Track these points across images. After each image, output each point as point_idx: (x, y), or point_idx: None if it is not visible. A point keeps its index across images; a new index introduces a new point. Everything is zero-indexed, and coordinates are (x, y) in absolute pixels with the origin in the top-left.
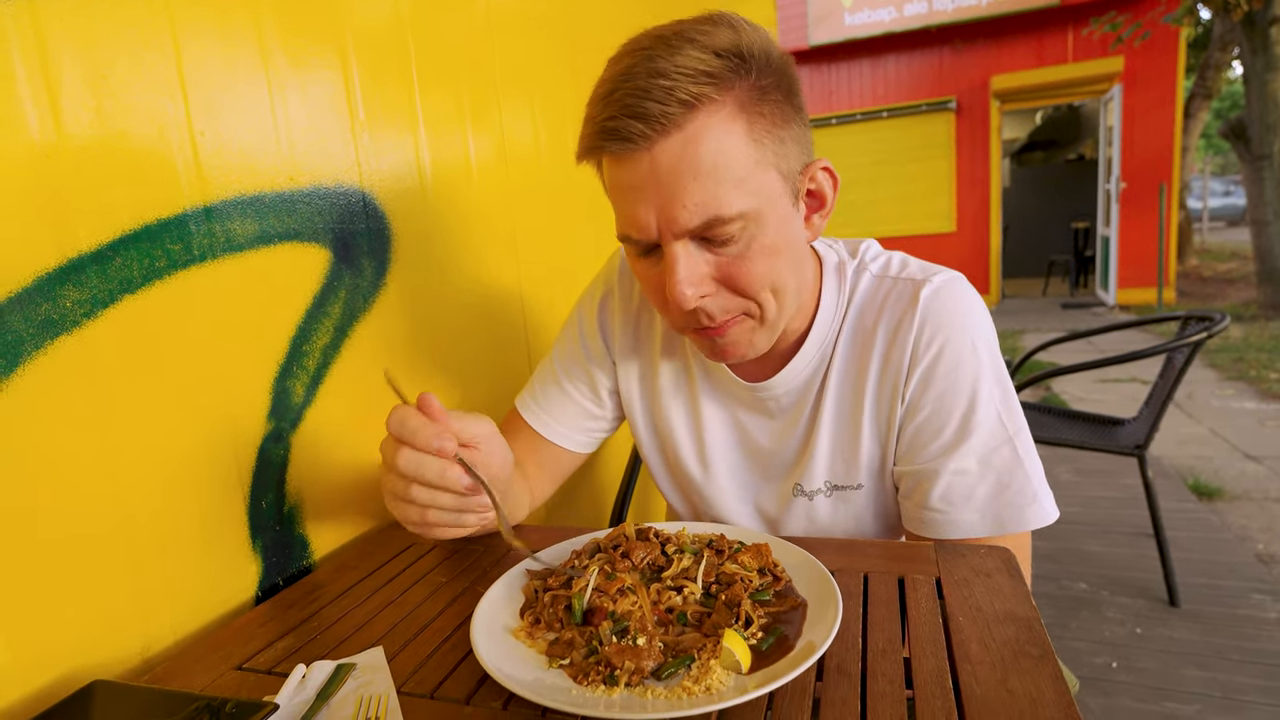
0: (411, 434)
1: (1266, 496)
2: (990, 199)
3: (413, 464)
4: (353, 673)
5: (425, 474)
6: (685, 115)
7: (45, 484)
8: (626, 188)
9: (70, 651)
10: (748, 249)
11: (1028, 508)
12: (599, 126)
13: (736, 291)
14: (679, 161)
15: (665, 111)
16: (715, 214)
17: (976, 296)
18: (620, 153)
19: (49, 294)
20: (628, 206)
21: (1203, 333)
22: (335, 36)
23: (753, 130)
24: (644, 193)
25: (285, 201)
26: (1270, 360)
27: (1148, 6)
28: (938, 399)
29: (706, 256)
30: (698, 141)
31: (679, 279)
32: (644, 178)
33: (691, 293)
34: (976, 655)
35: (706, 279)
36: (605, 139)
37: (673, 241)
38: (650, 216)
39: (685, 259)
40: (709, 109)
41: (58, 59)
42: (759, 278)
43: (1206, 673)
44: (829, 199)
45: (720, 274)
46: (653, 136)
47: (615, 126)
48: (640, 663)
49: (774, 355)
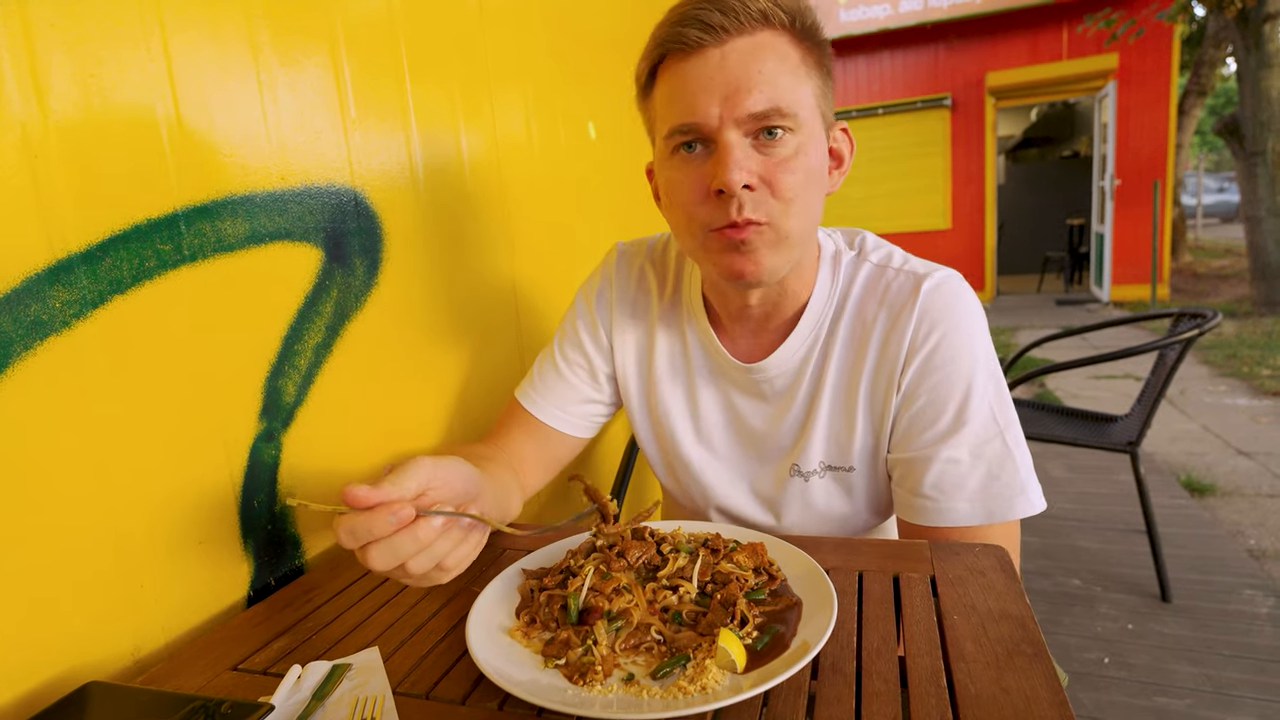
0: (368, 533)
1: (1258, 492)
2: (985, 196)
3: (388, 554)
4: (348, 673)
5: (404, 552)
6: (758, 25)
7: (36, 484)
8: (693, 78)
9: (61, 653)
10: (793, 156)
11: (1016, 498)
12: (680, 16)
13: (773, 193)
14: (749, 57)
15: (746, 11)
16: (777, 104)
17: (973, 295)
18: (695, 44)
19: (38, 295)
20: (690, 97)
21: (1194, 330)
22: (326, 31)
23: (805, 62)
24: (712, 82)
25: (276, 201)
26: (1263, 357)
27: (1142, 4)
28: (933, 389)
29: (755, 155)
30: (766, 48)
31: (733, 161)
32: (714, 69)
33: (739, 177)
34: (971, 653)
35: (753, 173)
36: (687, 25)
37: (730, 129)
38: (714, 105)
39: (739, 147)
40: (776, 29)
41: (46, 57)
42: (793, 186)
43: (1198, 668)
44: (846, 159)
45: (764, 173)
46: (730, 32)
47: (699, 15)
48: None
49: (768, 334)
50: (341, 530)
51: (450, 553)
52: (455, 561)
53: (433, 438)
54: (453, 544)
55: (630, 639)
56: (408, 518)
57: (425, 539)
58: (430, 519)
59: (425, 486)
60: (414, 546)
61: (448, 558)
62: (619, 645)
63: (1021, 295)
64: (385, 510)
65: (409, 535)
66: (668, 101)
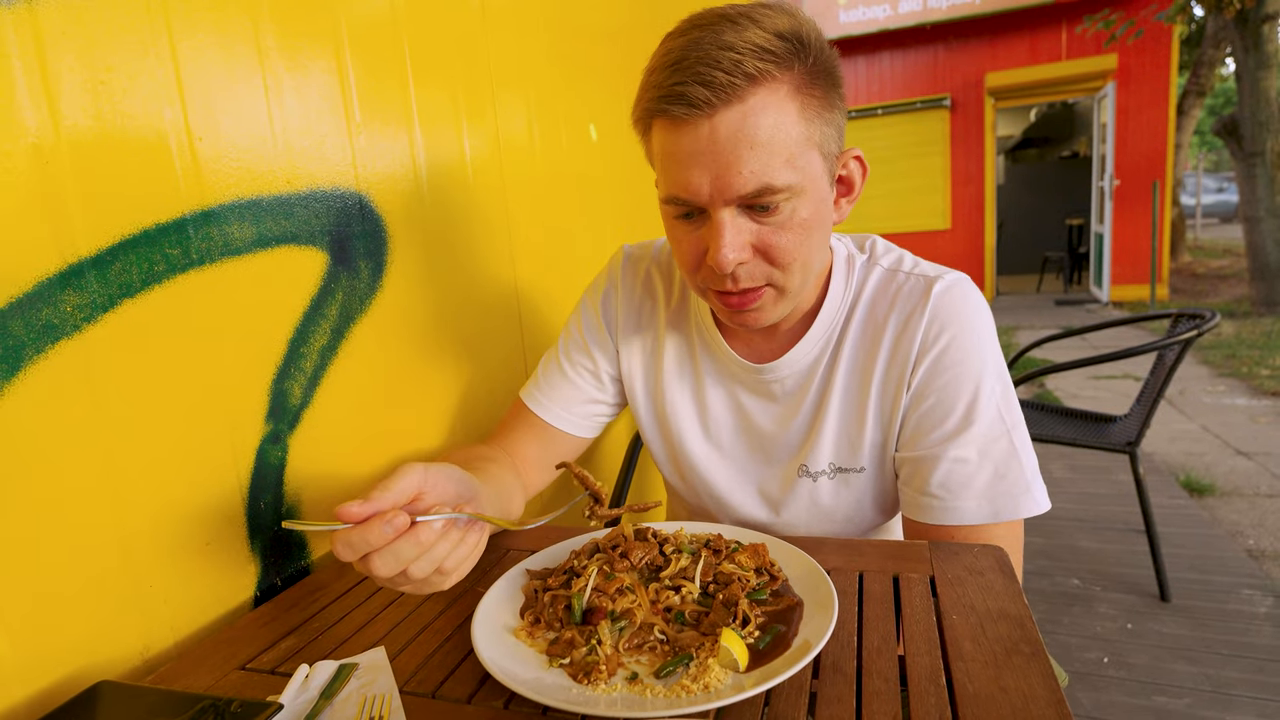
0: (365, 544)
1: (1257, 492)
2: (985, 196)
3: (391, 560)
4: (355, 673)
5: (406, 557)
6: (748, 88)
7: (46, 486)
8: (684, 153)
9: (72, 652)
10: (788, 221)
11: (1022, 497)
12: (665, 90)
13: (769, 261)
14: (738, 131)
15: (731, 82)
16: (767, 183)
17: (982, 298)
18: (682, 117)
19: (49, 299)
20: (681, 171)
21: (1193, 330)
22: (331, 35)
23: (804, 111)
24: (701, 158)
25: (282, 204)
26: (1262, 357)
27: (1141, 4)
28: (943, 388)
29: (749, 225)
30: (757, 114)
31: (725, 243)
32: (703, 144)
33: (734, 257)
34: (970, 653)
35: (746, 246)
36: (670, 102)
37: (722, 208)
38: (704, 181)
39: (731, 225)
40: (770, 85)
41: (57, 64)
42: (791, 250)
43: (1197, 667)
44: (857, 186)
45: (759, 243)
46: (716, 105)
47: (683, 91)
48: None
49: (778, 338)
50: (338, 544)
51: (449, 555)
52: (454, 564)
53: (436, 438)
54: (451, 546)
55: (634, 638)
56: (403, 525)
57: (426, 542)
58: (430, 522)
59: (417, 492)
60: (415, 550)
61: (447, 560)
62: (623, 645)
63: (1021, 295)
64: (379, 520)
65: (410, 540)
66: (662, 164)
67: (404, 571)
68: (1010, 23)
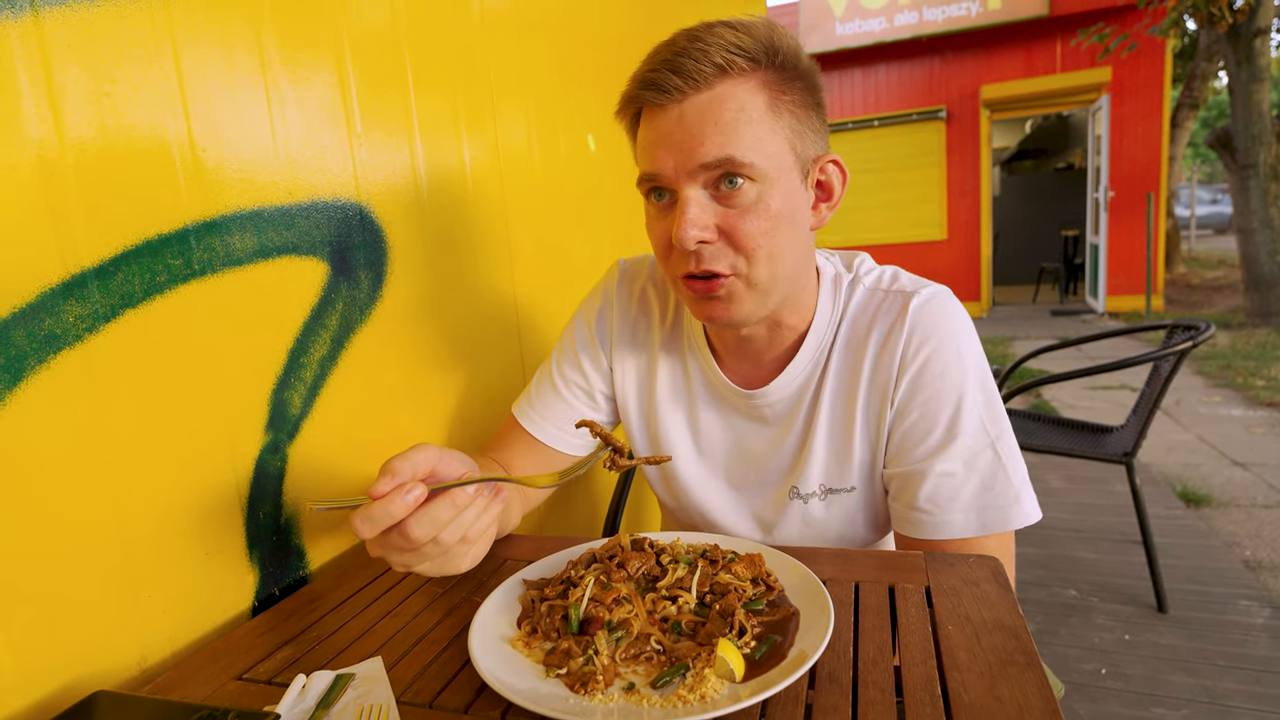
0: (387, 517)
1: (1254, 503)
2: (981, 207)
3: (425, 526)
4: (352, 683)
5: (442, 519)
6: (716, 77)
7: (46, 495)
8: (655, 136)
9: (69, 662)
10: (754, 207)
11: (1010, 509)
12: (641, 79)
13: (734, 246)
14: (704, 113)
15: (699, 69)
16: (729, 154)
17: (962, 309)
18: (656, 104)
19: (52, 309)
20: (652, 152)
21: (1188, 342)
22: (333, 46)
23: (774, 105)
24: (670, 139)
25: (284, 215)
26: (1257, 367)
27: (1134, 18)
28: (925, 403)
29: (714, 207)
30: (723, 100)
31: (687, 219)
32: (671, 126)
33: (694, 234)
34: (965, 663)
35: (710, 226)
36: (644, 88)
37: (686, 186)
38: (670, 160)
39: (695, 203)
40: (737, 78)
41: (62, 75)
42: (756, 236)
43: (1194, 678)
44: (836, 192)
45: (724, 224)
46: (686, 91)
47: (655, 78)
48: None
49: (768, 362)
50: (358, 520)
51: (475, 522)
52: (479, 532)
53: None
54: (478, 513)
55: (630, 649)
56: (421, 496)
57: (461, 504)
58: (464, 487)
59: (431, 469)
60: (450, 513)
61: (473, 527)
62: (619, 655)
63: (1017, 306)
64: (398, 492)
65: (445, 501)
66: (639, 150)
67: (435, 539)
68: (1005, 36)
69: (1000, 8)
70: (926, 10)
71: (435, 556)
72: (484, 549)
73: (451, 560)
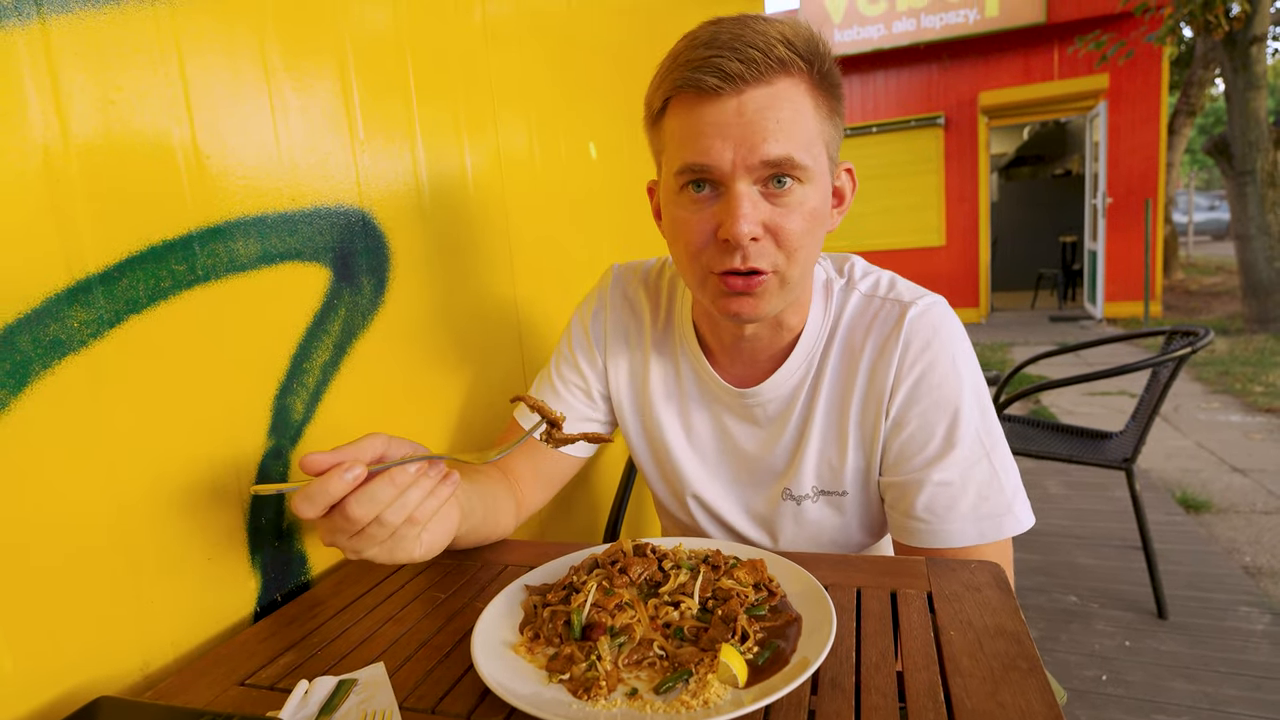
0: (325, 495)
1: (1253, 509)
2: (979, 213)
3: (367, 502)
4: (354, 688)
5: (382, 499)
6: (776, 73)
7: (50, 500)
8: (708, 124)
9: (72, 667)
10: (800, 206)
11: (1004, 517)
12: (699, 63)
13: (778, 244)
14: (766, 108)
15: (766, 61)
16: (790, 154)
17: (957, 319)
18: (712, 91)
19: (57, 314)
20: (704, 140)
21: (1187, 348)
22: (336, 52)
23: (818, 110)
24: (727, 129)
25: (287, 221)
26: (1255, 373)
27: (1131, 26)
28: (922, 415)
29: (764, 204)
30: (782, 98)
31: (743, 213)
32: (730, 116)
33: (748, 229)
34: (967, 669)
35: (760, 223)
36: (704, 72)
37: (740, 179)
38: (728, 152)
39: (749, 198)
40: (794, 77)
41: (69, 83)
42: (800, 236)
43: (1194, 685)
44: (847, 198)
45: (771, 223)
46: (749, 80)
47: (719, 64)
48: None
49: (763, 362)
50: (298, 499)
51: (422, 504)
52: (426, 514)
53: (436, 452)
54: (423, 494)
55: (633, 654)
56: (360, 475)
57: (401, 484)
58: (405, 466)
59: (380, 454)
60: (391, 492)
61: (419, 509)
62: (622, 660)
63: (1015, 312)
64: (338, 470)
65: (385, 480)
66: (679, 137)
67: (378, 519)
68: (1003, 43)
69: (998, 15)
70: (925, 17)
71: (382, 540)
72: (439, 537)
73: (401, 545)
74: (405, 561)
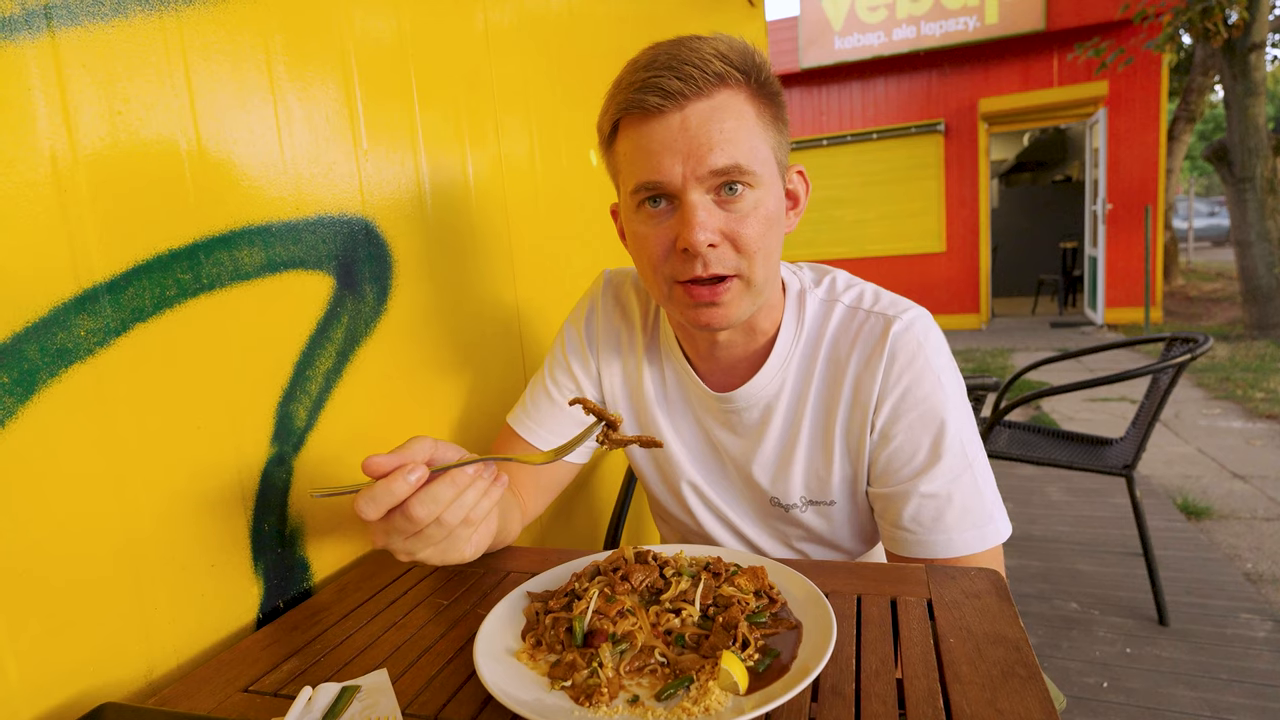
0: (389, 496)
1: (1254, 515)
2: (979, 219)
3: (428, 505)
4: (358, 695)
5: (444, 498)
6: (715, 86)
7: (55, 507)
8: (656, 141)
9: (77, 674)
10: (753, 210)
11: (986, 528)
12: (640, 84)
13: (737, 248)
14: (708, 120)
15: (703, 75)
16: (738, 161)
17: (940, 332)
18: (655, 109)
19: (64, 323)
20: (654, 158)
21: (1187, 354)
22: (340, 62)
23: (760, 116)
24: (674, 144)
25: (291, 230)
26: (1256, 379)
27: (1130, 33)
28: (908, 429)
29: (718, 212)
30: (724, 109)
31: (698, 222)
32: (675, 132)
33: (704, 237)
34: (967, 676)
35: (716, 230)
36: (646, 93)
37: (692, 190)
38: (677, 165)
39: (703, 207)
40: (732, 88)
41: (77, 94)
42: (757, 239)
43: (1195, 692)
44: (802, 200)
45: (727, 229)
46: (689, 96)
47: (658, 83)
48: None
49: (740, 368)
50: (361, 500)
51: (477, 504)
52: (481, 514)
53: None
54: (479, 494)
55: (634, 661)
56: (423, 477)
57: (462, 484)
58: (464, 468)
59: (428, 458)
60: (452, 492)
61: (475, 509)
62: (624, 667)
63: (1016, 317)
64: (401, 473)
65: (446, 481)
66: (631, 157)
67: (438, 520)
68: (1003, 50)
69: (997, 22)
70: (924, 25)
71: (439, 540)
72: (485, 538)
73: (455, 545)
74: (456, 562)
